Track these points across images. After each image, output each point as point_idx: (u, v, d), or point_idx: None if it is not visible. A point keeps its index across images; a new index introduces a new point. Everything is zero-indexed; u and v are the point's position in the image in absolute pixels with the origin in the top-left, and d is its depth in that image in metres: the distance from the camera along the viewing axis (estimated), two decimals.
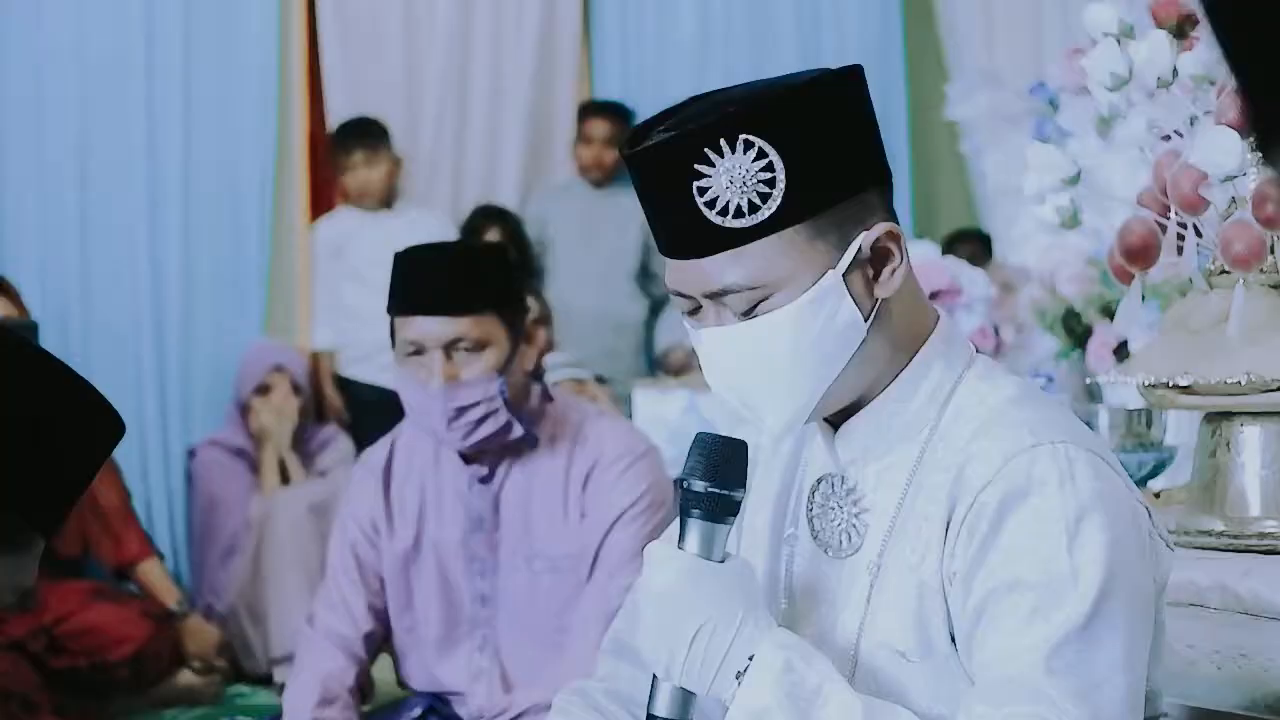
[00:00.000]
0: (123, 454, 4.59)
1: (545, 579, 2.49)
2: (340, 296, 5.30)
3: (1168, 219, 1.96)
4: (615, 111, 5.71)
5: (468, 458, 2.51)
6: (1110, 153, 2.09)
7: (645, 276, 5.66)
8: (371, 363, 5.30)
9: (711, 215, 1.38)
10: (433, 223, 5.44)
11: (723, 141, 1.37)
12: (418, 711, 2.55)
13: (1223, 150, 1.83)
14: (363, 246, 5.30)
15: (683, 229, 1.40)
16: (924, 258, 3.28)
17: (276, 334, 5.21)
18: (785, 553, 1.55)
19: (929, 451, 1.45)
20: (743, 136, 1.37)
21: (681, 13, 6.02)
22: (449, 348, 2.40)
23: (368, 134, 5.32)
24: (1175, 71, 1.98)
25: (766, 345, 1.41)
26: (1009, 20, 6.04)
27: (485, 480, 2.52)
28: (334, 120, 5.45)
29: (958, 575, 1.39)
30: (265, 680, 4.54)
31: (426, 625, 2.55)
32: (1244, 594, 1.82)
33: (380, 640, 2.59)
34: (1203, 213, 1.90)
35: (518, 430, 2.44)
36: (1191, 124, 1.97)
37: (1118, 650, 1.35)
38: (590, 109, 5.75)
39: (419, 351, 2.42)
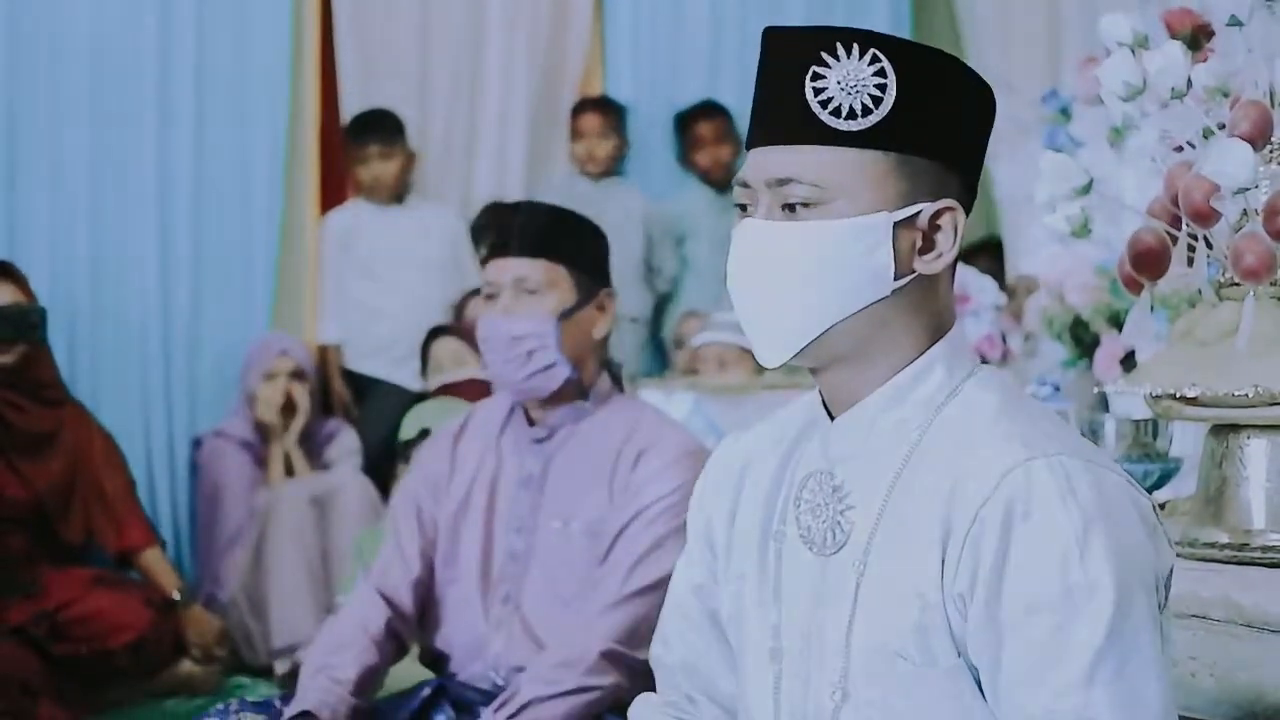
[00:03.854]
0: (128, 442, 4.60)
1: (579, 540, 2.56)
2: (349, 290, 5.31)
3: (1178, 230, 1.96)
4: (605, 106, 5.72)
5: (532, 419, 2.64)
6: (1122, 163, 2.09)
7: (649, 271, 5.66)
8: (380, 357, 5.31)
9: (813, 104, 1.43)
10: (443, 218, 5.45)
11: (856, 45, 1.42)
12: (427, 691, 2.59)
13: (1235, 162, 1.83)
14: (372, 240, 5.30)
15: (783, 113, 1.45)
16: None
17: (284, 326, 5.22)
18: (773, 549, 1.55)
19: (917, 454, 1.46)
20: (873, 50, 1.42)
21: (694, 12, 6.02)
22: (516, 287, 2.56)
23: (384, 127, 5.32)
24: (1189, 82, 1.98)
25: (796, 251, 1.44)
26: (1024, 29, 6.03)
27: (542, 440, 2.63)
28: (346, 113, 5.45)
29: (965, 597, 1.39)
30: (265, 672, 4.54)
31: (464, 579, 2.64)
32: (1247, 606, 1.81)
33: (426, 591, 2.66)
34: (1213, 224, 1.90)
35: (563, 370, 2.56)
36: (1204, 135, 1.97)
37: (1148, 654, 1.35)
38: (581, 105, 5.75)
39: (494, 295, 2.59)
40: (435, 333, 5.21)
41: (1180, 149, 2.00)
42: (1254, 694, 1.81)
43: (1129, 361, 2.97)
